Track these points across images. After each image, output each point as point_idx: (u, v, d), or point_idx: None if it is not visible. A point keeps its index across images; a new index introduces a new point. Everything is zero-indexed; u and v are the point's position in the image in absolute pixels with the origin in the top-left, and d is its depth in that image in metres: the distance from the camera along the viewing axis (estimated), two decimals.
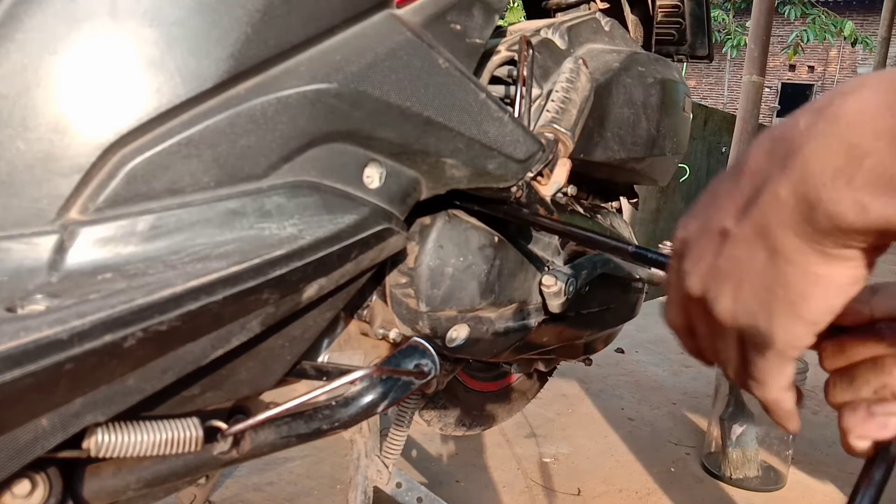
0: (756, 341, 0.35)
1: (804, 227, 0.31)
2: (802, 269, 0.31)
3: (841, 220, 0.28)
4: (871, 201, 0.27)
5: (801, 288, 0.32)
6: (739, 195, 0.34)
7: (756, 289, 0.34)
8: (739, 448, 1.52)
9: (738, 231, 0.34)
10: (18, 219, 0.38)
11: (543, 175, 0.69)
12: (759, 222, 0.33)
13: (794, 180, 0.31)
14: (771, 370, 0.36)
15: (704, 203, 0.38)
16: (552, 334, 0.80)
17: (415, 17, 0.54)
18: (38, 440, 0.35)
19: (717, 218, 0.36)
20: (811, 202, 0.30)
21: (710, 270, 0.36)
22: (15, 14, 0.38)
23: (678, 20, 0.99)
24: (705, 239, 0.37)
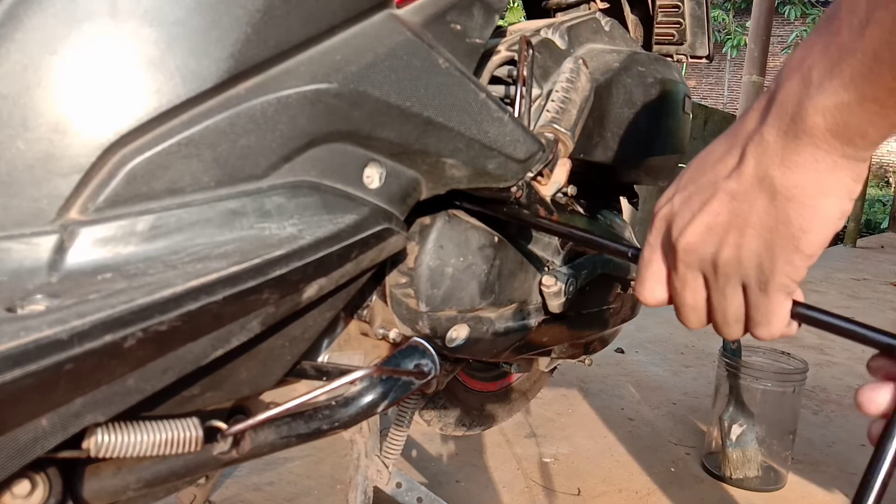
0: (760, 279, 0.39)
1: (794, 155, 0.36)
2: (801, 202, 0.36)
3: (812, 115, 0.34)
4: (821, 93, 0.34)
5: (802, 222, 0.37)
6: (731, 158, 0.39)
7: (759, 231, 0.38)
8: (739, 448, 1.51)
9: (738, 186, 0.39)
10: (18, 219, 0.38)
11: (543, 175, 0.69)
12: (757, 173, 0.38)
13: (772, 119, 0.37)
14: (774, 307, 0.40)
15: (687, 180, 0.43)
16: (552, 334, 0.80)
17: (415, 17, 0.54)
18: (38, 440, 0.35)
19: (711, 183, 0.41)
20: (792, 120, 0.35)
21: (710, 226, 0.40)
22: (15, 14, 0.38)
23: (678, 20, 0.99)
24: (697, 203, 0.41)
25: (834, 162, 0.35)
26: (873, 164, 8.20)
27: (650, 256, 0.45)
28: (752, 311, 0.41)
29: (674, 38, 1.00)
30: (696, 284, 0.43)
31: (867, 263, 5.25)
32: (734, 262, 0.40)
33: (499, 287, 0.70)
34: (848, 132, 0.34)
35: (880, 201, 9.74)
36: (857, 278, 4.51)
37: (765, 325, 0.41)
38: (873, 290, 4.11)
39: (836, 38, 0.33)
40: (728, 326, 0.43)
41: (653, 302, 0.46)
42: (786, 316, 0.41)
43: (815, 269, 4.81)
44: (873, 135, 0.34)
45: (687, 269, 0.42)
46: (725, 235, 0.40)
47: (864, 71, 0.32)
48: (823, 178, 0.36)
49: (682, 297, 0.44)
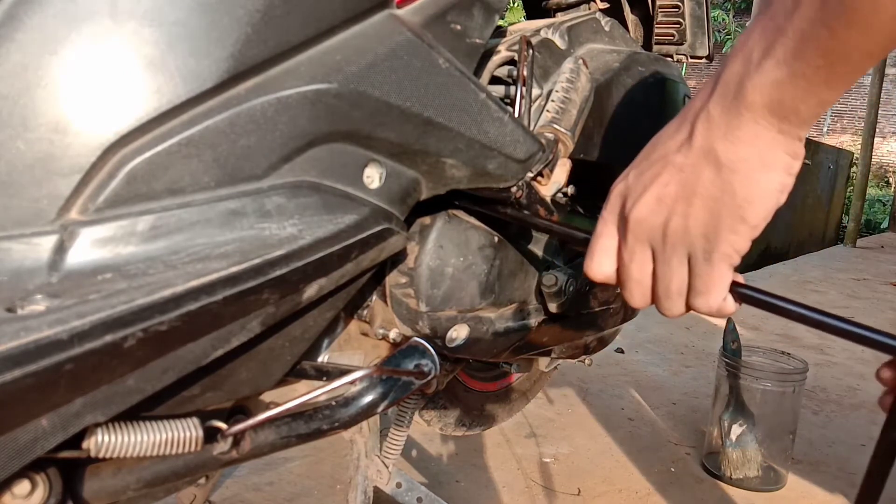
0: (706, 248, 0.41)
1: (736, 130, 0.38)
2: (744, 174, 0.39)
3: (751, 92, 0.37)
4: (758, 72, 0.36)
5: (745, 193, 0.39)
6: (681, 134, 0.42)
7: (706, 201, 0.40)
8: (739, 448, 1.51)
9: (686, 159, 0.41)
10: (18, 219, 0.38)
11: (543, 175, 0.69)
12: (703, 146, 0.40)
13: (717, 96, 0.39)
14: (716, 276, 0.42)
15: (641, 156, 0.45)
16: (552, 334, 0.80)
17: (415, 17, 0.54)
18: (38, 440, 0.35)
19: (661, 157, 0.43)
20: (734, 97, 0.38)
21: (660, 198, 0.43)
22: (15, 14, 0.38)
23: (678, 20, 0.99)
24: (649, 176, 0.43)
25: (772, 138, 0.38)
26: (873, 164, 8.19)
27: (602, 230, 0.47)
28: (695, 280, 0.43)
29: (674, 38, 1.00)
30: (644, 257, 0.45)
31: (867, 263, 5.25)
32: (682, 231, 0.42)
33: (499, 287, 0.70)
34: (782, 109, 0.37)
35: (880, 201, 9.74)
36: (857, 278, 4.51)
37: (704, 295, 0.43)
38: (873, 290, 4.11)
39: (772, 19, 0.36)
40: (670, 299, 0.45)
41: (600, 276, 0.48)
42: (725, 287, 0.43)
43: (815, 269, 4.81)
44: (805, 112, 0.36)
45: (636, 241, 0.44)
46: (674, 206, 0.42)
47: (794, 50, 0.34)
48: (764, 152, 0.38)
49: (629, 271, 0.46)
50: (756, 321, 3.01)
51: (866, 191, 6.48)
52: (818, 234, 6.82)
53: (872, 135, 6.01)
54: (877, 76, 5.84)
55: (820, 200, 6.69)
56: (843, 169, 7.28)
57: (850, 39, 0.33)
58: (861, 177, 6.17)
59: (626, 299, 0.47)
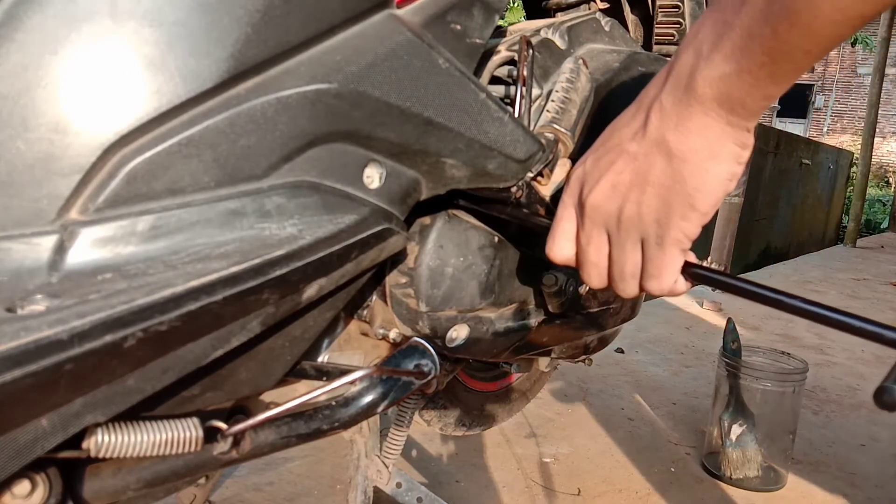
0: (658, 234, 0.43)
1: (687, 121, 0.39)
2: (694, 164, 0.40)
3: (701, 85, 0.38)
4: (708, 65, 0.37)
5: (695, 182, 0.40)
6: (636, 122, 0.43)
7: (658, 189, 0.42)
8: (739, 448, 1.51)
9: (639, 148, 0.42)
10: (18, 219, 0.38)
11: (543, 175, 0.69)
12: (655, 136, 0.41)
13: (669, 87, 0.40)
14: (667, 260, 0.44)
15: (599, 143, 0.47)
16: (552, 334, 0.80)
17: (415, 18, 0.54)
18: (38, 440, 0.35)
19: (617, 145, 0.44)
20: (685, 89, 0.39)
21: (615, 185, 0.44)
22: (15, 14, 0.38)
23: (678, 20, 0.99)
24: (605, 163, 0.45)
25: (721, 129, 0.39)
26: (873, 164, 8.18)
27: (562, 214, 0.49)
28: (648, 264, 0.45)
29: (674, 38, 1.00)
30: (600, 241, 0.47)
31: (867, 263, 5.25)
32: (635, 217, 0.43)
33: (499, 287, 0.70)
34: (730, 102, 0.38)
35: (880, 201, 9.74)
36: (857, 278, 4.51)
37: (656, 278, 0.45)
38: (873, 290, 4.11)
39: (721, 13, 0.37)
40: (624, 281, 0.47)
41: (560, 258, 0.50)
42: (677, 270, 0.45)
43: (815, 269, 4.82)
44: (751, 105, 0.38)
45: (593, 225, 0.46)
46: (628, 193, 0.43)
47: (741, 46, 0.36)
48: (713, 143, 0.39)
49: (587, 254, 0.48)
50: (756, 321, 3.01)
51: (866, 191, 6.48)
52: (818, 234, 6.82)
53: (872, 135, 6.01)
54: (877, 76, 5.84)
55: (820, 200, 6.69)
56: (843, 169, 7.29)
57: (791, 39, 0.34)
58: (861, 177, 6.17)
59: (583, 280, 0.50)
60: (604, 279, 0.48)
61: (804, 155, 5.88)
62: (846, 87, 15.75)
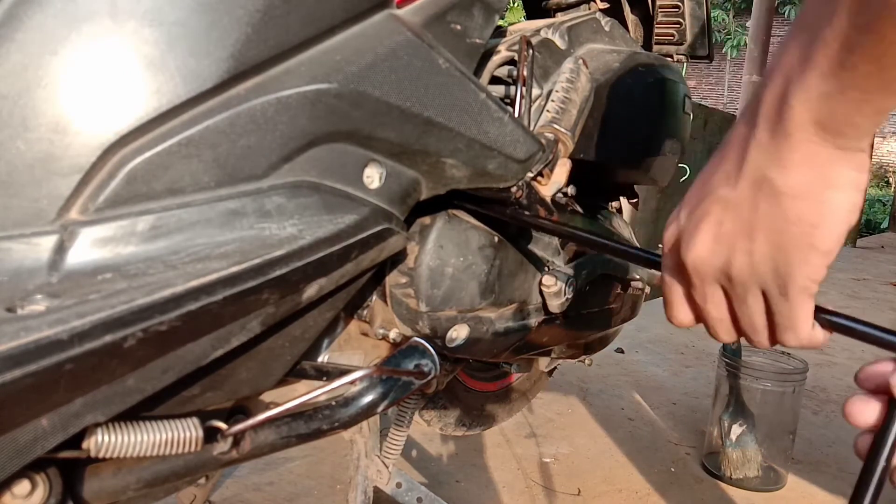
0: (779, 283, 0.38)
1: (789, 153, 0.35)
2: (807, 199, 0.35)
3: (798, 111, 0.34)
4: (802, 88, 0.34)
5: (811, 218, 0.36)
6: (729, 165, 0.39)
7: (768, 234, 0.37)
8: (739, 448, 1.51)
9: (737, 193, 0.38)
10: (18, 219, 0.38)
11: (543, 175, 0.70)
12: (755, 176, 0.37)
13: (762, 120, 0.36)
14: (797, 310, 0.39)
15: (691, 195, 0.42)
16: (552, 334, 0.80)
17: (415, 17, 0.54)
18: (38, 440, 0.35)
19: (710, 193, 0.40)
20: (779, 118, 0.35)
21: (717, 237, 0.39)
22: (15, 14, 0.38)
23: (678, 20, 0.99)
24: (699, 214, 0.40)
25: (830, 154, 0.35)
26: (873, 163, 8.20)
27: (668, 279, 0.44)
28: (777, 316, 0.40)
29: (674, 38, 1.00)
30: (717, 297, 0.42)
31: (867, 263, 5.25)
32: (748, 269, 0.39)
33: (499, 287, 0.70)
34: (835, 123, 0.34)
35: (880, 201, 9.74)
36: (857, 278, 4.51)
37: (791, 330, 0.40)
38: (873, 290, 4.11)
39: (807, 30, 0.33)
40: (757, 334, 0.42)
41: (686, 323, 0.45)
42: (809, 318, 0.40)
43: None
44: (862, 123, 0.34)
45: (703, 283, 0.41)
46: (734, 244, 0.39)
47: (839, 59, 0.32)
48: (825, 171, 0.35)
49: (707, 312, 0.43)
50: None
51: (866, 191, 6.47)
52: None
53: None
54: None
55: None
56: None
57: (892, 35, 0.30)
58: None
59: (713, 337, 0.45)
60: (733, 333, 0.44)
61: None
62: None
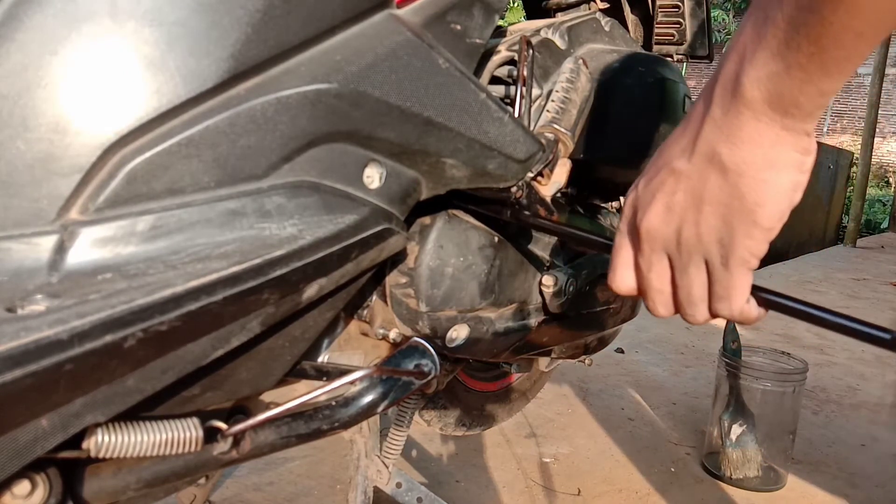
0: (721, 254, 0.40)
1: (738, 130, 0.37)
2: (752, 176, 0.37)
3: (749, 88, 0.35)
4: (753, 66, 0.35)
5: (755, 196, 0.38)
6: (684, 139, 0.41)
7: (715, 207, 0.39)
8: (739, 448, 1.51)
9: (690, 165, 0.40)
10: (18, 219, 0.38)
11: (543, 175, 0.69)
12: (706, 150, 0.39)
13: (717, 97, 0.37)
14: (735, 281, 0.41)
15: (651, 164, 0.44)
16: (552, 334, 0.80)
17: (415, 18, 0.54)
18: (38, 440, 0.35)
19: (666, 164, 0.42)
20: (732, 95, 0.36)
21: (669, 206, 0.41)
22: (15, 14, 0.38)
23: (678, 20, 0.99)
24: (656, 184, 0.42)
25: (776, 135, 0.36)
26: (873, 164, 8.18)
27: (620, 243, 0.47)
28: (715, 286, 0.42)
29: (674, 38, 1.00)
30: (661, 267, 0.44)
31: (867, 263, 5.25)
32: (694, 238, 0.41)
33: (499, 287, 0.70)
34: (783, 102, 0.35)
35: (880, 201, 9.74)
36: (857, 278, 4.51)
37: (726, 300, 0.42)
38: (873, 290, 4.11)
39: (762, 10, 0.35)
40: (693, 306, 0.44)
41: (624, 289, 0.47)
42: (746, 291, 0.42)
43: (815, 269, 4.81)
44: (806, 104, 0.35)
45: (651, 251, 0.44)
46: (684, 214, 0.41)
47: (786, 39, 0.33)
48: (769, 151, 0.37)
49: (649, 281, 0.45)
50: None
51: (866, 191, 6.48)
52: (818, 234, 6.82)
53: (872, 135, 6.01)
54: (877, 76, 5.84)
55: (820, 200, 6.68)
56: (843, 169, 7.28)
57: (839, 21, 0.31)
58: (861, 177, 6.17)
59: (649, 309, 0.46)
60: (670, 306, 0.45)
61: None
62: (846, 87, 15.75)
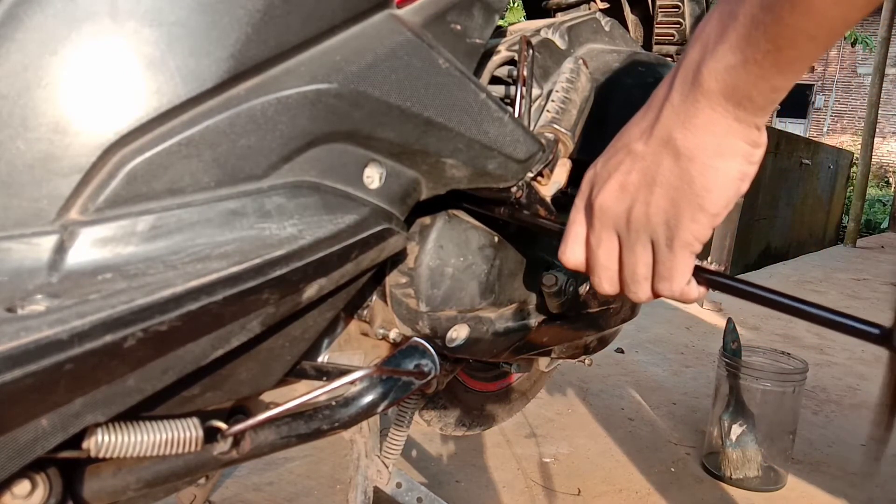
0: (667, 235, 0.42)
1: (693, 117, 0.38)
2: (702, 162, 0.39)
3: (707, 78, 0.37)
4: (713, 57, 0.36)
5: (703, 181, 0.39)
6: (644, 122, 0.42)
7: (666, 189, 0.41)
8: (739, 448, 1.51)
9: (646, 147, 0.41)
10: (18, 219, 0.38)
11: (543, 175, 0.69)
12: (662, 134, 0.40)
13: (677, 83, 0.39)
14: (678, 263, 0.43)
15: (612, 143, 0.46)
16: (552, 334, 0.80)
17: (415, 18, 0.54)
18: (38, 440, 0.35)
19: (625, 145, 0.43)
20: (691, 84, 0.38)
21: (623, 185, 0.43)
22: (15, 14, 0.38)
23: (678, 20, 0.99)
24: (614, 164, 0.44)
25: (728, 125, 0.38)
26: (873, 164, 8.18)
27: (574, 217, 0.48)
28: (659, 266, 0.44)
29: (674, 38, 1.00)
30: (611, 244, 0.46)
31: (867, 263, 5.25)
32: (643, 218, 0.42)
33: (499, 287, 0.70)
34: (737, 95, 0.36)
35: (880, 201, 9.74)
36: (857, 278, 4.51)
37: (668, 280, 0.44)
38: (873, 290, 4.11)
39: (727, 3, 0.36)
40: (636, 283, 0.45)
41: (572, 262, 0.49)
42: (688, 273, 0.44)
43: (815, 268, 4.81)
44: (759, 99, 0.36)
45: (602, 227, 0.45)
46: (636, 193, 0.42)
47: (745, 35, 0.35)
48: (720, 140, 0.38)
49: (597, 257, 0.46)
50: (756, 321, 3.01)
51: (866, 191, 6.48)
52: (818, 234, 6.82)
53: (872, 135, 6.01)
54: (877, 76, 5.84)
55: (820, 200, 6.69)
56: (843, 169, 7.28)
57: (794, 23, 0.33)
58: (861, 177, 6.17)
59: (594, 285, 0.48)
60: (615, 283, 0.47)
61: (804, 155, 5.88)
62: (846, 87, 15.74)
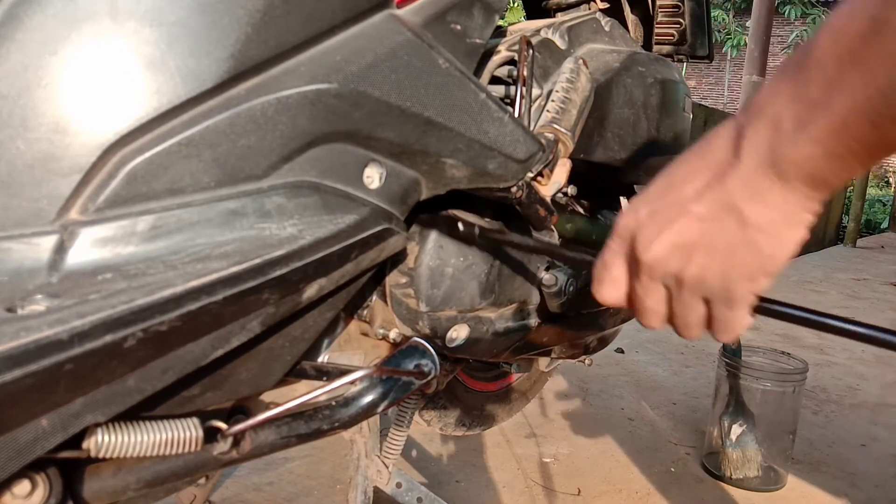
0: (725, 297, 0.42)
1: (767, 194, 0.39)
2: (770, 233, 0.40)
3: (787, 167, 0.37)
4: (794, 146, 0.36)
5: (771, 250, 0.40)
6: (699, 181, 0.42)
7: (727, 255, 0.41)
8: (739, 448, 1.51)
9: (707, 211, 0.41)
10: (18, 219, 0.38)
11: (543, 175, 0.69)
12: (726, 201, 0.40)
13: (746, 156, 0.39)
14: (738, 318, 0.44)
15: (655, 195, 0.45)
16: (552, 334, 0.80)
17: (415, 18, 0.54)
18: (38, 440, 0.35)
19: (677, 202, 0.43)
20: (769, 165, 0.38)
21: (678, 245, 0.42)
22: (15, 14, 0.38)
23: (678, 20, 0.99)
24: (663, 220, 0.43)
25: (799, 203, 0.39)
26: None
27: (612, 261, 0.47)
28: (715, 322, 0.44)
29: (674, 38, 1.00)
30: (659, 295, 0.45)
31: (867, 263, 5.25)
32: (699, 279, 0.42)
33: (499, 287, 0.70)
34: (815, 181, 0.37)
35: (880, 201, 9.73)
36: (857, 278, 4.51)
37: (728, 333, 0.44)
38: (873, 290, 4.11)
39: (804, 89, 0.36)
40: (689, 330, 0.46)
41: (611, 302, 0.48)
42: (746, 323, 0.44)
43: (815, 268, 4.81)
44: (834, 182, 0.37)
45: (650, 280, 0.45)
46: (692, 255, 0.42)
47: (833, 133, 0.35)
48: (790, 215, 0.39)
49: (643, 302, 0.46)
50: (756, 321, 3.01)
51: (866, 191, 6.48)
52: (818, 234, 6.82)
53: None
54: None
55: None
56: None
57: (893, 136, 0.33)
58: (861, 177, 6.17)
59: (641, 323, 0.47)
60: (663, 324, 0.47)
61: None
62: None
